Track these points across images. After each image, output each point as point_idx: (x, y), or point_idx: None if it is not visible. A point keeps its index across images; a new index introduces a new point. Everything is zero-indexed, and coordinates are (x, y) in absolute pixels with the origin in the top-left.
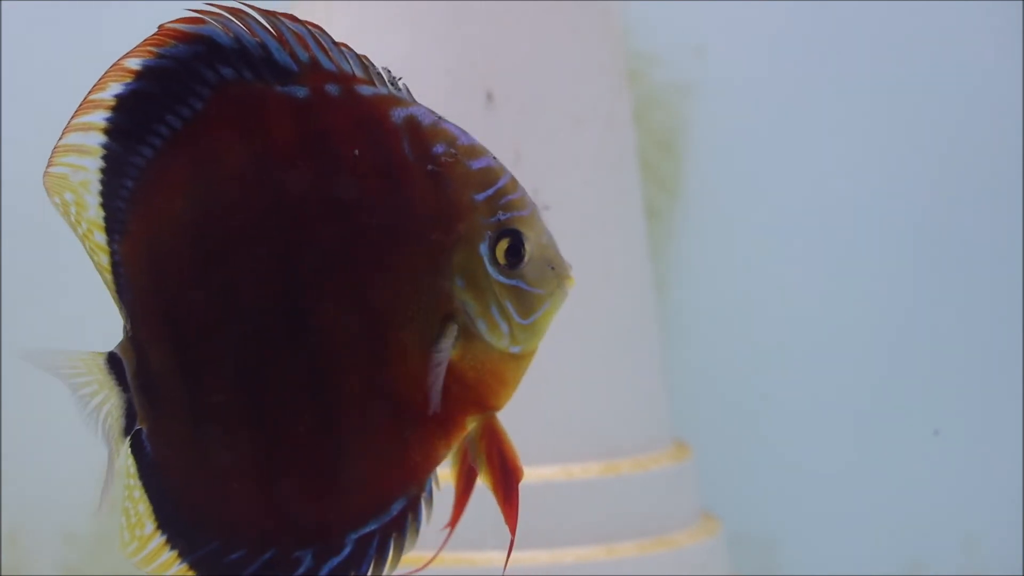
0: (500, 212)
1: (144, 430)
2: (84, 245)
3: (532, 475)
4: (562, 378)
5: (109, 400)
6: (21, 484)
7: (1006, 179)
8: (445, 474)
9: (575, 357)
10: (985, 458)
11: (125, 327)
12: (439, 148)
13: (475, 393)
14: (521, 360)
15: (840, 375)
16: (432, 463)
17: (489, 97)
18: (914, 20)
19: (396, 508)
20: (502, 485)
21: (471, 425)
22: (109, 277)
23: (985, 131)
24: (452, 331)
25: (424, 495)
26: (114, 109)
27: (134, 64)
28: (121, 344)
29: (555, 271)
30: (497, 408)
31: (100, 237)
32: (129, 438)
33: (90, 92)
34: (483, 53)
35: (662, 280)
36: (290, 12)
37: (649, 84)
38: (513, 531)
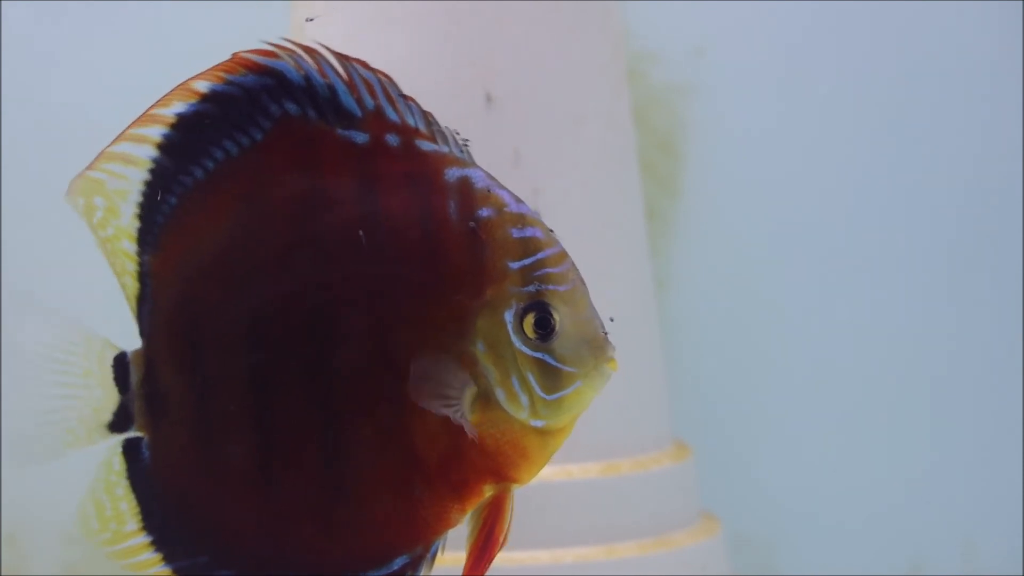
0: (535, 283)
1: (145, 439)
2: (105, 247)
3: None
4: None
5: (94, 390)
6: (21, 484)
7: (1006, 178)
8: None
9: None
10: (985, 458)
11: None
12: (485, 211)
13: (494, 462)
14: (547, 436)
15: (840, 375)
16: (443, 525)
17: (489, 97)
18: (914, 20)
19: (398, 563)
20: (475, 554)
21: (489, 493)
22: (134, 283)
23: (986, 131)
24: (468, 394)
25: (427, 556)
26: (173, 126)
27: (201, 86)
28: (135, 352)
29: (593, 351)
30: (518, 481)
31: (128, 246)
32: (122, 440)
33: (152, 106)
34: (483, 53)
35: (662, 280)
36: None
37: (649, 84)
38: None
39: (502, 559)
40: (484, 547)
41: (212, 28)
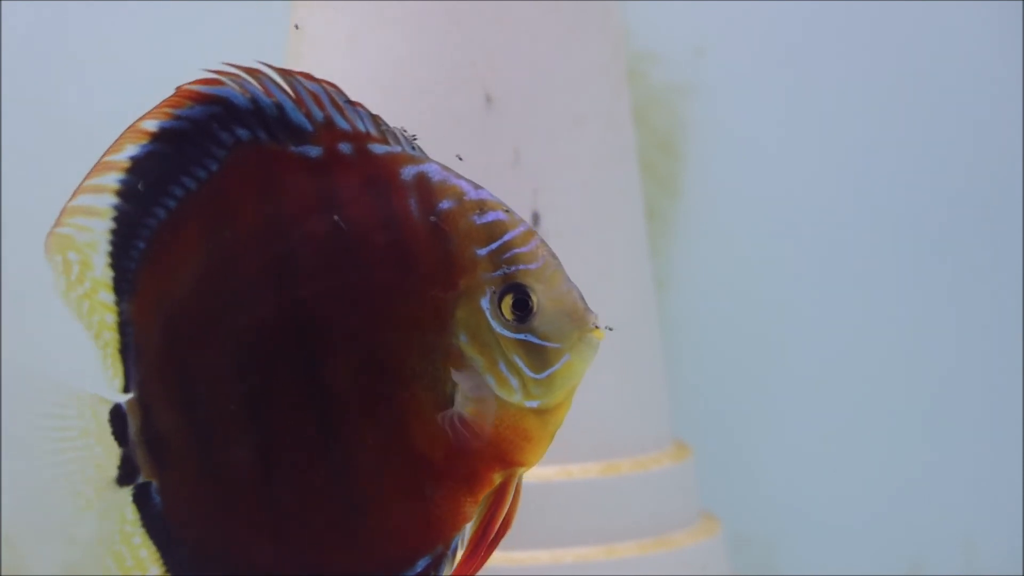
0: (505, 266)
1: (154, 484)
2: (81, 306)
3: (532, 475)
4: None
5: (93, 448)
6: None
7: (1006, 179)
8: None
9: None
10: (985, 458)
11: (130, 383)
12: (445, 204)
13: (498, 449)
14: (545, 415)
15: (840, 375)
16: (460, 520)
17: (489, 97)
18: (914, 20)
19: (421, 565)
20: (475, 540)
21: (499, 481)
22: (114, 336)
23: (985, 131)
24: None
25: (448, 553)
26: (129, 171)
27: (151, 126)
28: (129, 401)
29: (575, 324)
30: (525, 464)
31: (107, 296)
32: (132, 489)
33: (105, 154)
34: (483, 53)
35: (662, 280)
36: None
37: (649, 84)
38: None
39: (503, 559)
40: (483, 533)
41: (212, 28)
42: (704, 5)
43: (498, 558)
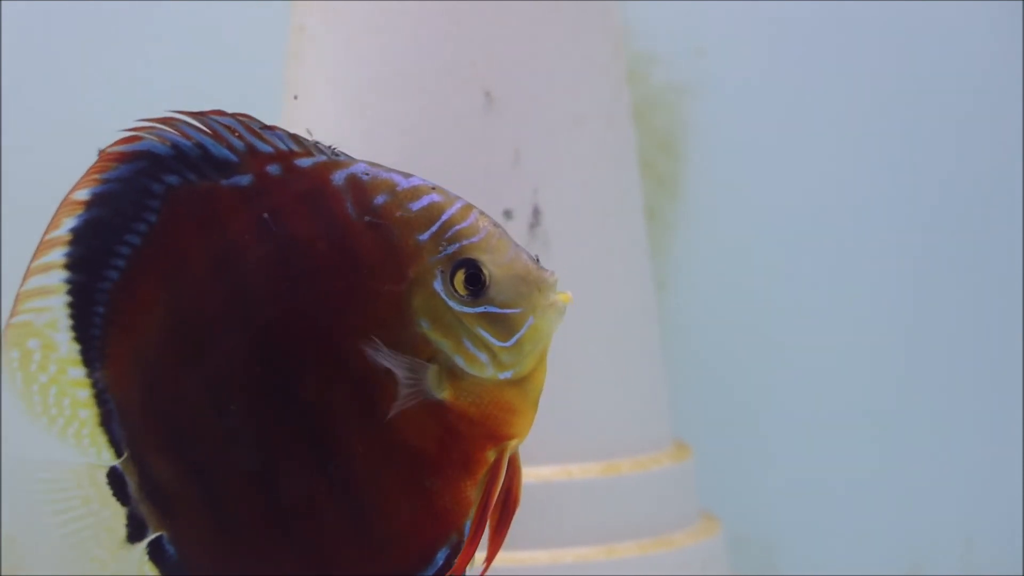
0: (447, 245)
1: (165, 536)
2: (46, 395)
3: (532, 475)
4: (562, 378)
5: (101, 513)
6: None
7: (1006, 178)
8: None
9: (575, 357)
10: (985, 459)
11: (119, 446)
12: (380, 199)
13: (485, 427)
14: (523, 384)
15: (840, 375)
16: (465, 505)
17: (488, 97)
18: (914, 20)
19: (441, 557)
20: (479, 519)
21: (493, 458)
22: (91, 410)
23: (986, 131)
24: (433, 373)
25: (465, 540)
26: (71, 243)
27: (83, 195)
28: (124, 460)
29: (532, 285)
30: (516, 436)
31: (77, 372)
32: (147, 549)
33: (45, 232)
34: (483, 53)
35: (662, 280)
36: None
37: (649, 84)
38: (491, 559)
39: (503, 559)
40: (484, 509)
41: (213, 28)
42: (704, 5)
43: (498, 557)
